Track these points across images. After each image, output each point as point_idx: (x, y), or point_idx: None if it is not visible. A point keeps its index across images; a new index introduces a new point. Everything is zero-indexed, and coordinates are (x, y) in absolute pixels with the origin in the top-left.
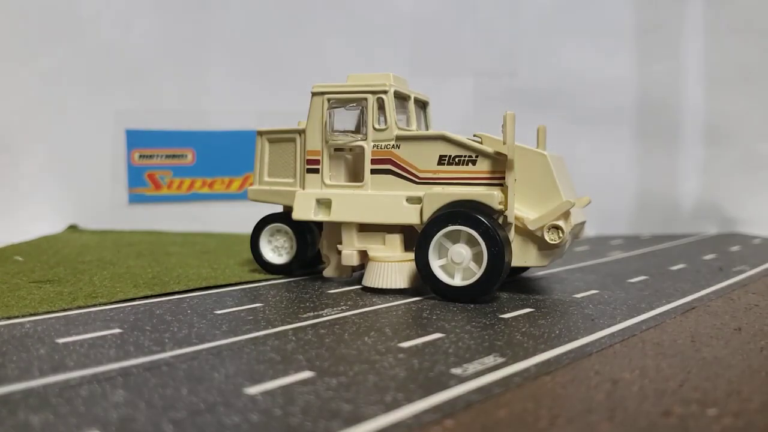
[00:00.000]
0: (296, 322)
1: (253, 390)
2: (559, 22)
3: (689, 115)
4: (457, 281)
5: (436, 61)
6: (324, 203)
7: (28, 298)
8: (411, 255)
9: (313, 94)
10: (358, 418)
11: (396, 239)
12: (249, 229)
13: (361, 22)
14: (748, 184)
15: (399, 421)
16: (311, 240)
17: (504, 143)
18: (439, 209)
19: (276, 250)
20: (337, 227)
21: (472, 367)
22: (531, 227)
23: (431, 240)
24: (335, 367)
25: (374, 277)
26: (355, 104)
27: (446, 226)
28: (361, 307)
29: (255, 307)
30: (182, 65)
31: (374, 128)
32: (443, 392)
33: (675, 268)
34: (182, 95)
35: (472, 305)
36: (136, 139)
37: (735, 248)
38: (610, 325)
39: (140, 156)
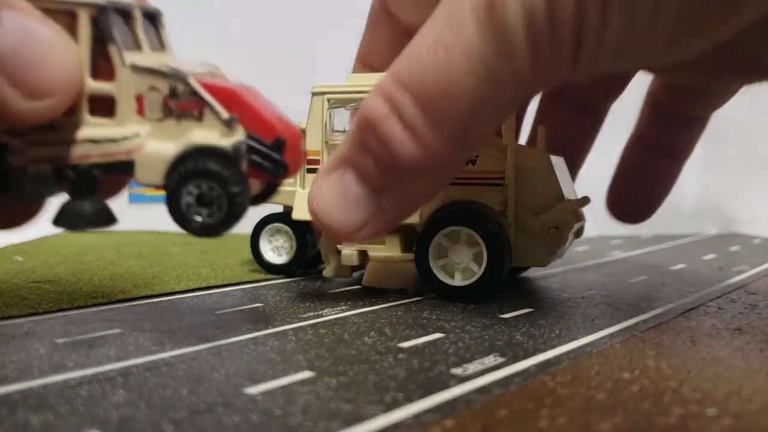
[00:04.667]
0: (296, 322)
1: (253, 390)
2: None
3: None
4: (457, 281)
5: None
6: None
7: (29, 298)
8: (411, 255)
9: (313, 94)
10: (358, 418)
11: (396, 239)
12: (249, 229)
13: (362, 21)
14: (749, 184)
15: (399, 421)
16: (311, 240)
17: (504, 143)
18: (439, 209)
19: (276, 250)
20: None
21: (473, 367)
22: (532, 228)
23: (431, 240)
24: (335, 367)
25: (375, 277)
26: (355, 104)
27: (446, 226)
28: (361, 307)
29: (255, 307)
30: None
31: None
32: (443, 392)
33: (675, 268)
34: None
35: (472, 305)
36: None
37: (735, 248)
38: (610, 325)
39: None
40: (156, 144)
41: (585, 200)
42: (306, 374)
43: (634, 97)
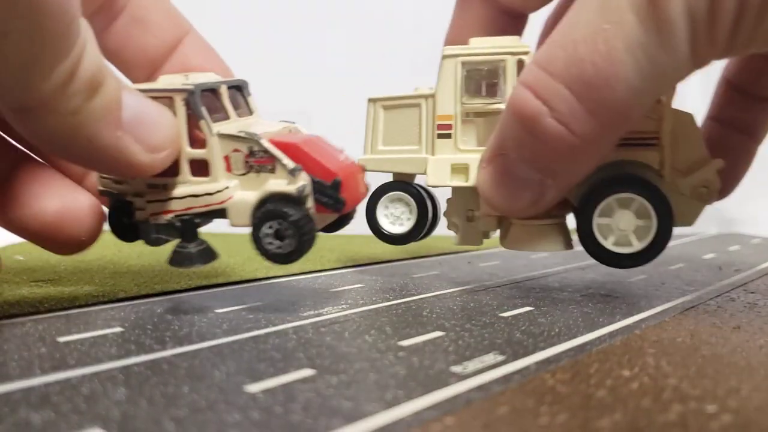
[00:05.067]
0: (297, 321)
1: (254, 388)
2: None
3: None
4: (612, 245)
5: (437, 61)
6: (459, 168)
7: (30, 297)
8: (559, 217)
9: (444, 57)
10: (358, 416)
11: None
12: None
13: (361, 21)
14: (748, 184)
15: (399, 418)
16: (432, 208)
17: (663, 104)
18: (595, 171)
19: (394, 220)
20: (467, 193)
21: (472, 365)
22: (682, 188)
23: (601, 201)
24: (336, 365)
25: (519, 241)
26: (489, 67)
27: (621, 190)
28: (362, 305)
29: (256, 305)
30: None
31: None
32: (443, 390)
33: (674, 267)
34: None
35: (471, 304)
36: None
37: (735, 248)
38: (609, 323)
39: None
40: (242, 193)
41: (721, 161)
42: (307, 372)
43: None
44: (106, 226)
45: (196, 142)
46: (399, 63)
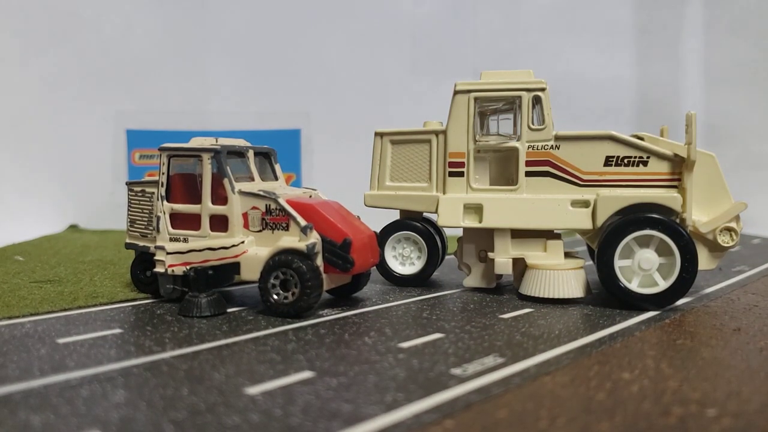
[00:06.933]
0: (296, 322)
1: (254, 390)
2: (559, 22)
3: None
4: (635, 286)
5: (436, 61)
6: (472, 208)
7: (29, 298)
8: (577, 262)
9: (457, 92)
10: (358, 418)
11: (559, 246)
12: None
13: (361, 22)
14: (748, 184)
15: (399, 421)
16: (442, 246)
17: (687, 144)
18: (617, 213)
19: (403, 260)
20: (480, 233)
21: (472, 368)
22: (703, 230)
23: (621, 240)
24: (335, 367)
25: (536, 286)
26: (503, 103)
27: (642, 229)
28: (361, 307)
29: (255, 307)
30: (183, 65)
31: (529, 128)
32: (443, 392)
33: None
34: (183, 95)
35: (471, 305)
36: (136, 139)
37: (735, 248)
38: (609, 325)
39: (140, 156)
40: (255, 249)
41: (744, 204)
42: (306, 374)
43: (633, 96)
44: None
45: (219, 199)
46: (398, 63)
